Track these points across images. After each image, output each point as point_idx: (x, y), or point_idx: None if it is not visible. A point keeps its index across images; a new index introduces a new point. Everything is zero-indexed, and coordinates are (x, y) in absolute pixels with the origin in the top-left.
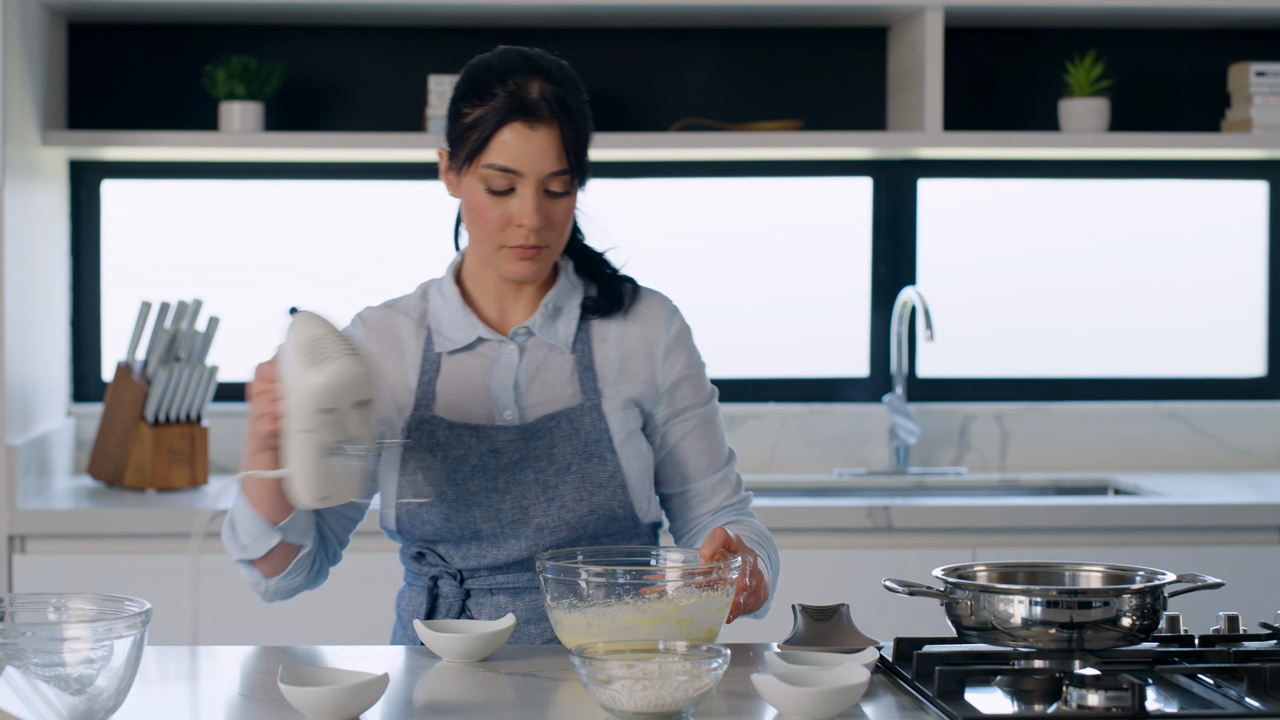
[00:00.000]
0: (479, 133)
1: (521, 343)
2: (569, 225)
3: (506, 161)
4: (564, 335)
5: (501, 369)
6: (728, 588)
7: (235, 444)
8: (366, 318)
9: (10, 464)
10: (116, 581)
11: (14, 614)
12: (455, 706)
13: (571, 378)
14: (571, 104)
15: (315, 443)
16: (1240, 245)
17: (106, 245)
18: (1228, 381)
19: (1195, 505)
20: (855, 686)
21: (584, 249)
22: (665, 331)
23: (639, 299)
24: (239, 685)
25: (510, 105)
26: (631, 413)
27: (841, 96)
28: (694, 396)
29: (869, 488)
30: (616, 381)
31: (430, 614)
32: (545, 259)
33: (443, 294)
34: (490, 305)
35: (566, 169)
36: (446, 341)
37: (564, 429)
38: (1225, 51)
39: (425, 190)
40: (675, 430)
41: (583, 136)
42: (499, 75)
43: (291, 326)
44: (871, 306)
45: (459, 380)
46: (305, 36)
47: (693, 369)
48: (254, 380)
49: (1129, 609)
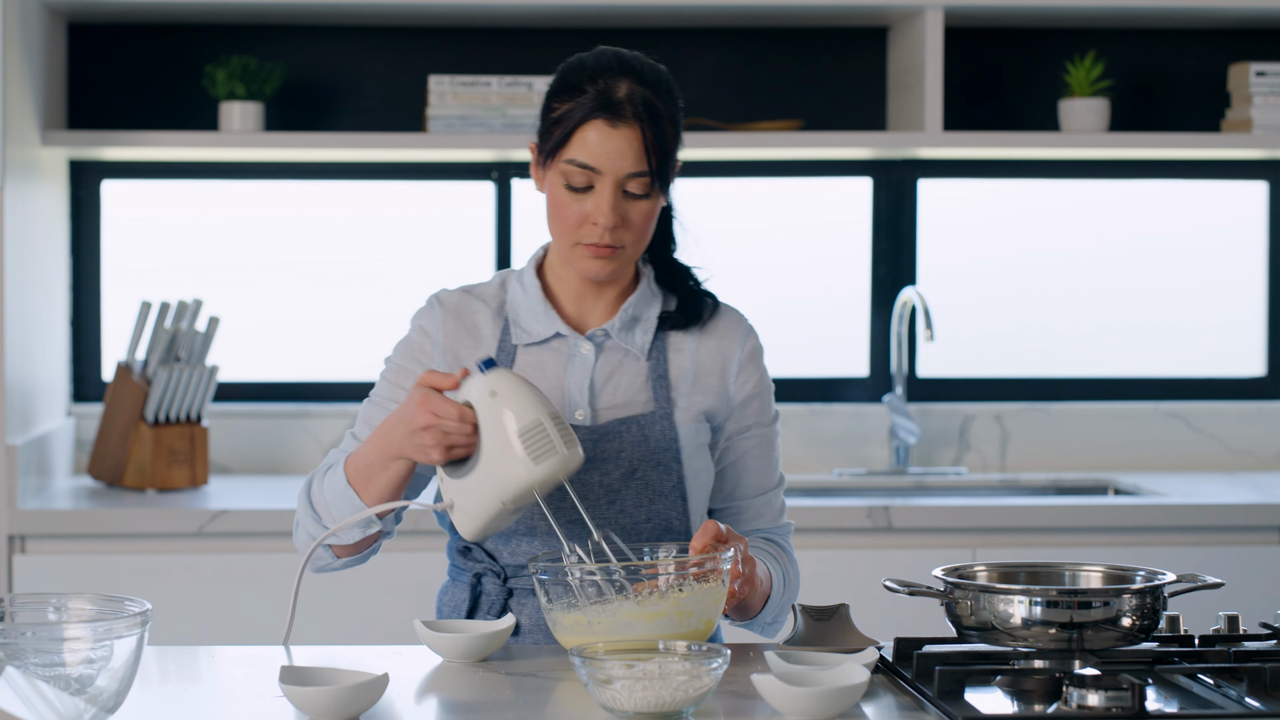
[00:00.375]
0: (563, 128)
1: (599, 344)
2: (648, 229)
3: (586, 158)
4: (640, 342)
5: (577, 368)
6: (723, 577)
7: (235, 444)
8: (444, 300)
9: (10, 464)
10: (116, 581)
11: (14, 614)
12: (455, 706)
13: (645, 384)
14: (659, 108)
15: (508, 509)
16: (1240, 245)
17: (106, 245)
18: (1228, 381)
19: (1195, 505)
20: (855, 686)
21: (670, 260)
22: (741, 347)
23: (717, 314)
24: (239, 685)
25: (596, 103)
26: (702, 426)
27: (841, 96)
28: (760, 415)
29: (869, 488)
30: (689, 393)
31: (471, 611)
32: (621, 260)
33: (523, 286)
34: (570, 303)
35: (646, 171)
36: (524, 334)
37: (634, 434)
38: (1225, 51)
39: (425, 190)
40: (736, 446)
41: (667, 142)
42: (591, 74)
43: (487, 401)
44: (871, 306)
45: (533, 374)
46: (305, 36)
47: (763, 388)
48: (441, 409)
49: (1129, 609)
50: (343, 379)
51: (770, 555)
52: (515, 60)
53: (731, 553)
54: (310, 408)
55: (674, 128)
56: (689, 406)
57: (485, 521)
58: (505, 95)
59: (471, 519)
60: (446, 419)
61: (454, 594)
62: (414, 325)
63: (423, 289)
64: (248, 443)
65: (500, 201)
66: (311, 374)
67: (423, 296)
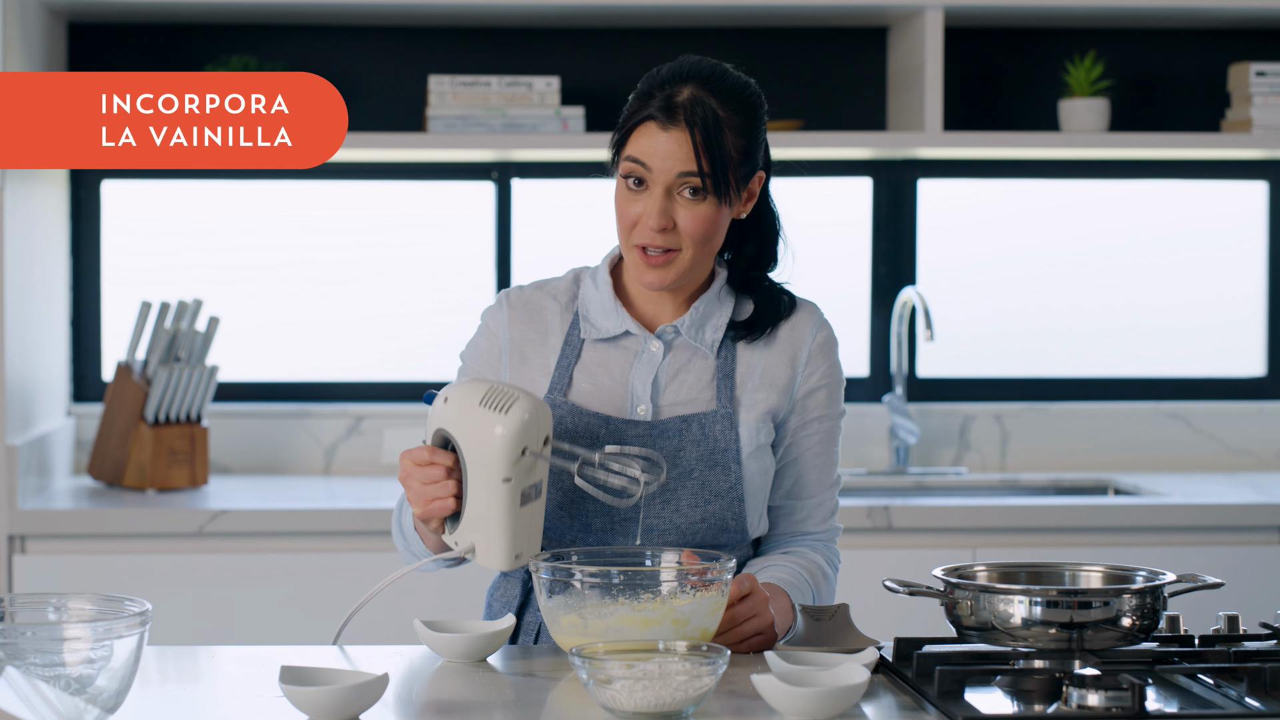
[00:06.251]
0: (624, 128)
1: (668, 341)
2: (708, 236)
3: (638, 154)
4: (710, 340)
5: (643, 364)
6: (723, 588)
7: (235, 444)
8: (513, 298)
9: (10, 464)
10: (116, 581)
11: (14, 614)
12: (455, 706)
13: (711, 383)
14: (720, 113)
15: (515, 493)
16: (1240, 245)
17: (106, 245)
18: (1228, 381)
19: (1195, 505)
20: (855, 686)
21: (755, 279)
22: (812, 337)
23: (793, 310)
24: (239, 685)
25: (656, 105)
26: (765, 426)
27: (841, 96)
28: (826, 408)
29: (869, 488)
30: (755, 390)
31: (523, 607)
32: (678, 268)
33: (595, 283)
34: (642, 302)
35: (696, 173)
36: (593, 329)
37: (694, 433)
38: (1225, 51)
39: (425, 190)
40: (800, 443)
41: (725, 149)
42: (662, 80)
43: (446, 403)
44: (871, 306)
45: (598, 369)
46: (305, 36)
47: (831, 380)
48: (410, 465)
49: (1129, 609)
50: (343, 379)
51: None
52: (515, 60)
53: (733, 563)
54: (310, 408)
55: (743, 138)
56: (753, 405)
57: (506, 525)
58: (505, 95)
59: (491, 531)
60: (414, 459)
61: (505, 589)
62: (481, 324)
63: (422, 289)
64: (248, 443)
65: (500, 201)
66: (311, 374)
67: (422, 296)
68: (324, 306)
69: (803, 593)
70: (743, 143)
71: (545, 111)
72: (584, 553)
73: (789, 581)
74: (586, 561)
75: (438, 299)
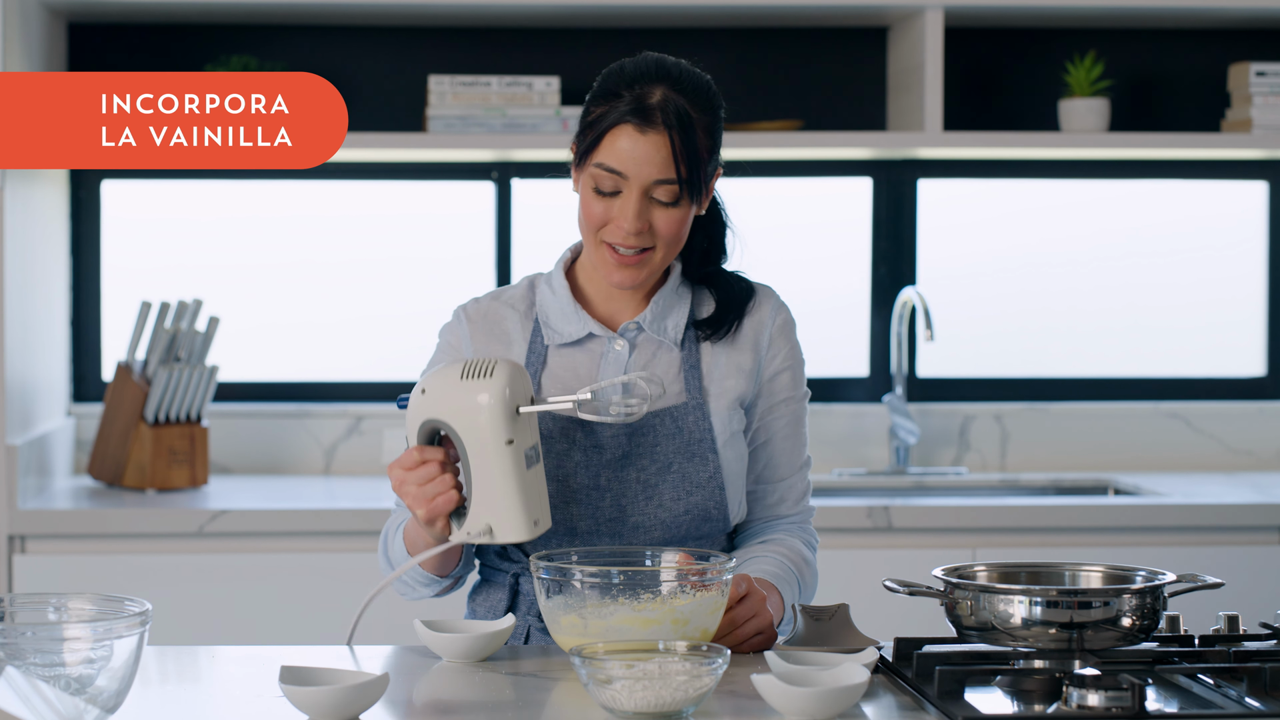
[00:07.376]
0: (595, 131)
1: (631, 338)
2: (678, 237)
3: (614, 163)
4: (673, 332)
5: (610, 364)
6: (722, 588)
7: (235, 444)
8: (469, 311)
9: (10, 464)
10: (116, 581)
11: (14, 614)
12: (455, 706)
13: (678, 375)
14: (692, 116)
15: (519, 455)
16: (1240, 245)
17: (106, 245)
18: (1228, 381)
19: (1195, 505)
20: (855, 686)
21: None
22: (772, 320)
23: (751, 296)
24: (239, 685)
25: (628, 108)
26: (736, 413)
27: (841, 96)
28: (791, 389)
29: (869, 488)
30: (723, 378)
31: (510, 611)
32: (649, 268)
33: (552, 288)
34: (601, 302)
35: (674, 179)
36: (555, 334)
37: (668, 427)
38: (1225, 51)
39: (425, 190)
40: (768, 426)
41: (699, 150)
42: (629, 79)
43: (425, 394)
44: (871, 306)
45: (566, 374)
46: (305, 36)
47: (794, 361)
48: (401, 472)
49: (1129, 609)
50: (343, 379)
51: (791, 576)
52: (515, 60)
53: (733, 563)
54: (310, 408)
55: (709, 137)
56: (722, 393)
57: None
58: (505, 95)
59: (505, 502)
60: (403, 464)
61: (489, 594)
62: (441, 342)
63: (422, 289)
64: (248, 443)
65: (500, 201)
66: (311, 374)
67: (422, 296)
68: (324, 306)
69: (789, 583)
70: (709, 141)
71: (545, 111)
72: (584, 553)
73: (776, 574)
74: (586, 561)
75: (438, 299)
